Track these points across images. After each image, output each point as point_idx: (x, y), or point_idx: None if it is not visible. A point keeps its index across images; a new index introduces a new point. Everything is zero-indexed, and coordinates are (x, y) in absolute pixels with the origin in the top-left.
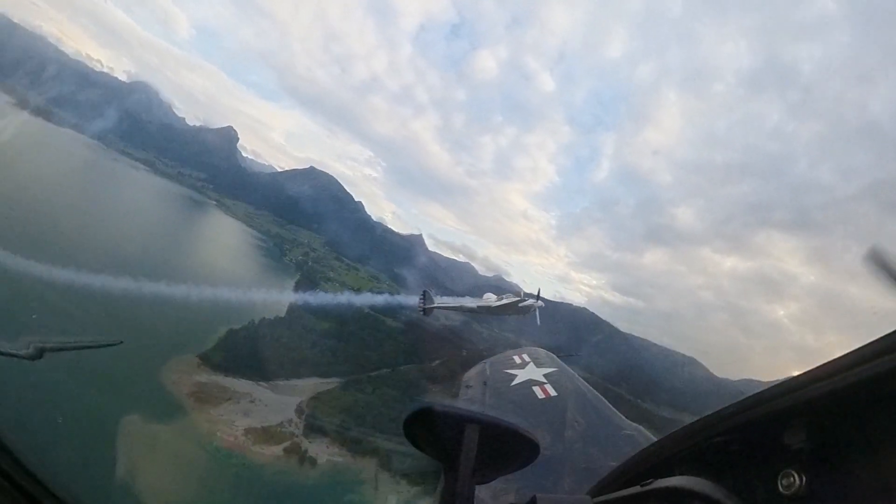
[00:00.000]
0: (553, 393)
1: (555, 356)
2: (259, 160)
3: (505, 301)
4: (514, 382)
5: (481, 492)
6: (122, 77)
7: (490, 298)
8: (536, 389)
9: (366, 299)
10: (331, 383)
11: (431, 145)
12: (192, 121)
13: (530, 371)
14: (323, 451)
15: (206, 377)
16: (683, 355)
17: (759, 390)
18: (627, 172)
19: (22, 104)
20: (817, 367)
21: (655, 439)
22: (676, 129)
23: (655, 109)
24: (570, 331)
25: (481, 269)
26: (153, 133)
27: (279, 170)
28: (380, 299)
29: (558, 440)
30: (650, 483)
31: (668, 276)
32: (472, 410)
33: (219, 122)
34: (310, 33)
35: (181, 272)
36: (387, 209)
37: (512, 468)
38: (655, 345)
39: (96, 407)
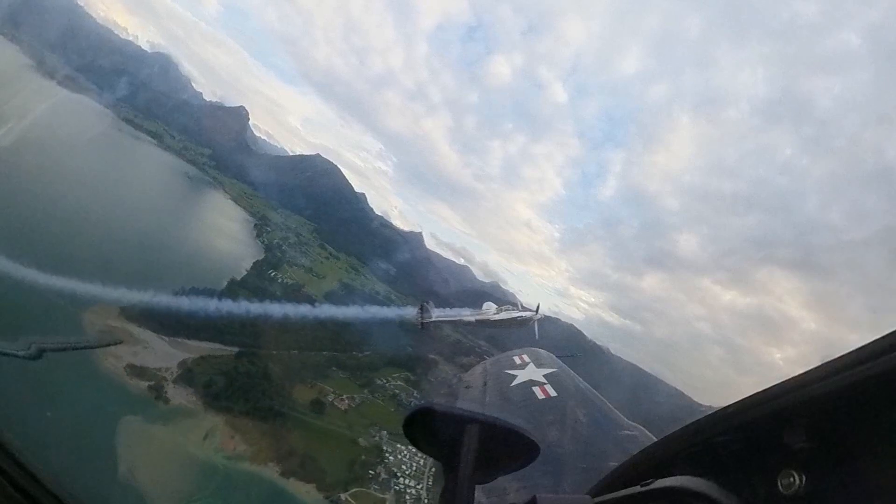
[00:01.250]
0: (553, 393)
1: (555, 357)
2: (271, 142)
3: (504, 314)
4: (514, 383)
5: (481, 492)
6: (146, 47)
7: (489, 310)
8: (536, 390)
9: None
10: (227, 351)
11: (441, 145)
12: (210, 97)
13: (530, 371)
14: (180, 397)
15: (119, 323)
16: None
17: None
18: (633, 193)
19: (39, 66)
20: (817, 367)
21: (655, 439)
22: (686, 154)
23: (666, 131)
24: (547, 347)
25: (479, 274)
26: (166, 105)
27: (290, 153)
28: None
29: (558, 440)
30: (650, 483)
31: (667, 303)
32: (472, 410)
33: (236, 101)
34: (331, 22)
35: (146, 237)
36: (394, 204)
37: (512, 468)
38: (641, 370)
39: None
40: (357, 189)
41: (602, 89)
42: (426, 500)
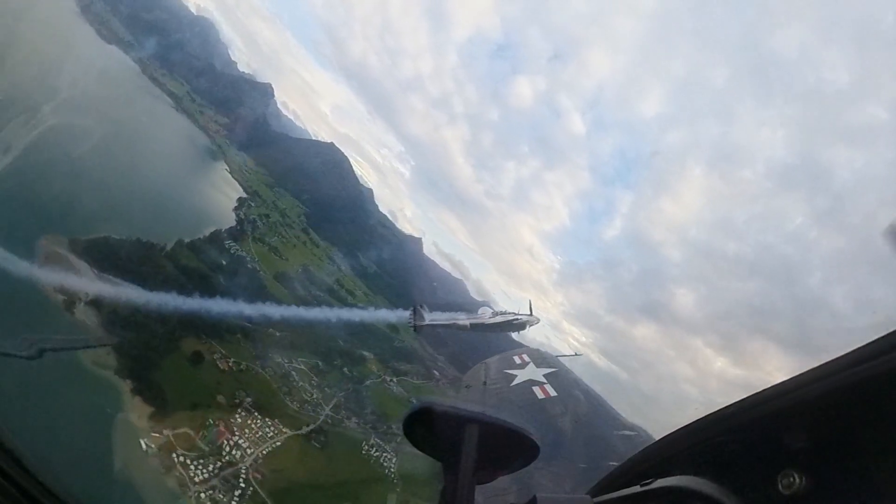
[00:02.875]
0: (553, 393)
1: (555, 357)
2: (297, 122)
3: (500, 318)
4: (514, 383)
5: (481, 492)
6: (192, 9)
7: (485, 314)
8: (536, 390)
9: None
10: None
11: (458, 156)
12: (244, 68)
13: (530, 371)
14: (83, 315)
15: (64, 251)
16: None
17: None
18: (637, 237)
19: (84, 11)
20: (817, 367)
21: (655, 439)
22: (694, 206)
23: (677, 180)
24: None
25: (472, 291)
26: (195, 69)
27: (313, 137)
28: None
29: (558, 440)
30: (650, 483)
31: (656, 356)
32: (472, 410)
33: (270, 77)
34: (371, 19)
35: (125, 187)
36: (404, 207)
37: (512, 468)
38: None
39: None
40: (366, 185)
41: (619, 126)
42: (231, 456)
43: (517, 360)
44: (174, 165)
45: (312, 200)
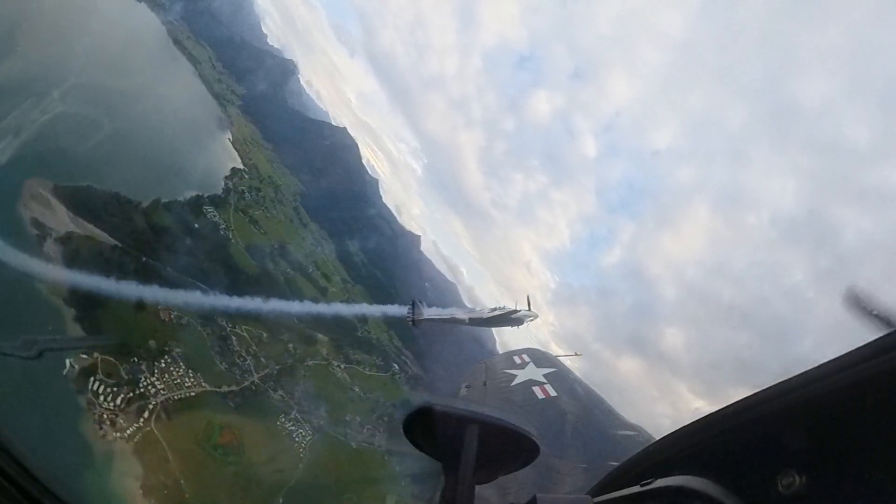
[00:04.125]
0: (553, 393)
1: (555, 357)
2: (318, 102)
3: (498, 312)
4: (514, 382)
5: (481, 492)
6: None
7: (484, 309)
8: (536, 389)
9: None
10: (111, 242)
11: (470, 161)
12: (273, 41)
13: (530, 371)
14: (51, 249)
15: (44, 192)
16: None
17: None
18: (634, 269)
19: None
20: (817, 367)
21: (655, 439)
22: (695, 246)
23: (681, 217)
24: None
25: (464, 296)
26: (222, 37)
27: (331, 120)
28: None
29: (558, 440)
30: (650, 483)
31: (638, 393)
32: (472, 410)
33: (298, 55)
34: (403, 9)
35: (120, 139)
36: (414, 203)
37: (512, 468)
38: None
39: None
40: (373, 175)
41: (630, 155)
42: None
43: (517, 359)
44: (176, 128)
45: (313, 181)
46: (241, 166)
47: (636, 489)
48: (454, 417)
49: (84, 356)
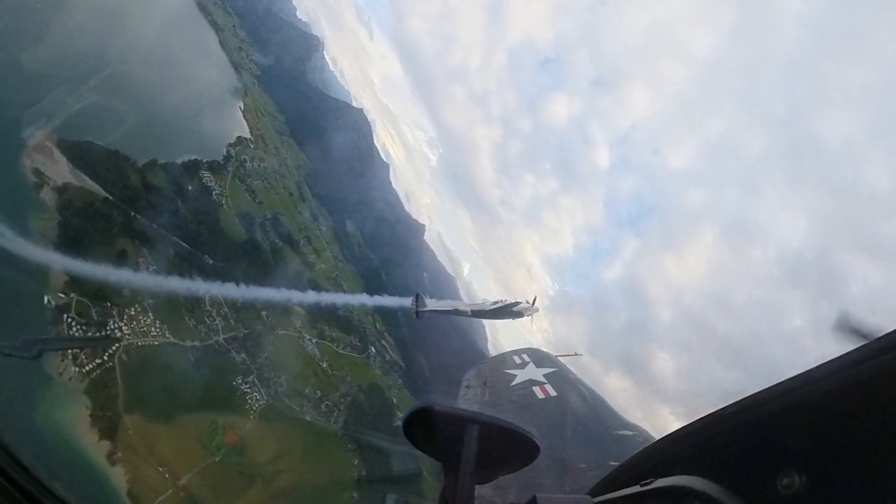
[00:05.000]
0: (553, 393)
1: (555, 357)
2: (340, 81)
3: (500, 304)
4: (514, 382)
5: (481, 492)
6: None
7: (486, 301)
8: (536, 389)
9: None
10: (103, 195)
11: (483, 157)
12: (301, 15)
13: (530, 371)
14: (47, 196)
15: (48, 143)
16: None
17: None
18: (633, 287)
19: None
20: (817, 367)
21: (655, 439)
22: (696, 272)
23: (686, 240)
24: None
25: (461, 291)
26: (249, 6)
27: (351, 99)
28: None
29: (558, 440)
30: (650, 483)
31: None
32: (472, 410)
33: (327, 31)
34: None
35: (132, 97)
36: (426, 192)
37: (512, 468)
38: None
39: None
40: (384, 159)
41: (643, 170)
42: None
43: (517, 359)
44: (186, 92)
45: (320, 158)
46: (248, 136)
47: (636, 489)
48: (454, 417)
49: (62, 295)
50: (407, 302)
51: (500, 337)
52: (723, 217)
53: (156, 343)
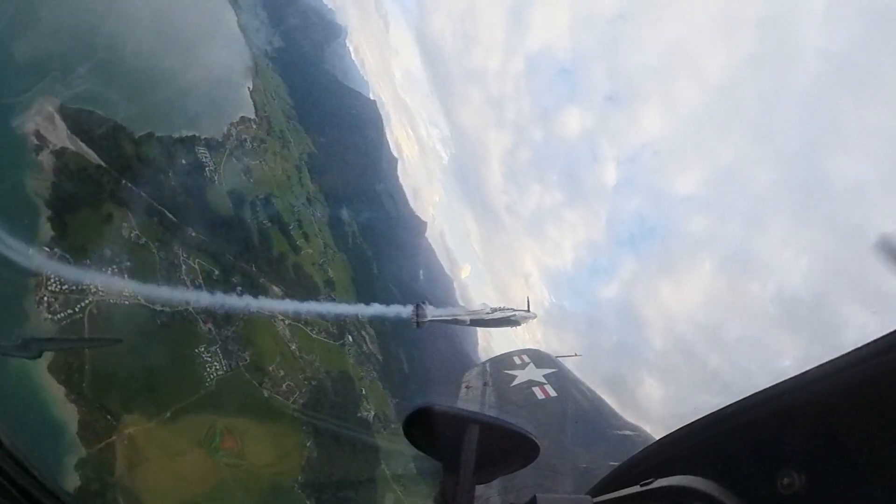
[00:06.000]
0: (553, 393)
1: (555, 357)
2: (360, 70)
3: (499, 314)
4: (514, 383)
5: (481, 492)
6: None
7: (484, 309)
8: (536, 390)
9: None
10: (97, 161)
11: (493, 161)
12: (328, 2)
13: (530, 372)
14: (45, 158)
15: (52, 108)
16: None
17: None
18: (628, 308)
19: None
20: (817, 367)
21: (655, 439)
22: (691, 301)
23: (684, 268)
24: None
25: (457, 294)
26: None
27: (368, 90)
28: None
29: (558, 440)
30: (650, 483)
31: None
32: (472, 410)
33: (353, 19)
34: None
35: (139, 77)
36: (435, 191)
37: (512, 468)
38: None
39: None
40: (395, 153)
41: (649, 192)
42: None
43: (517, 360)
44: (195, 68)
45: (326, 145)
46: (253, 116)
47: (636, 489)
48: (454, 418)
49: (46, 248)
50: (407, 311)
51: (493, 344)
52: (723, 247)
53: (126, 303)
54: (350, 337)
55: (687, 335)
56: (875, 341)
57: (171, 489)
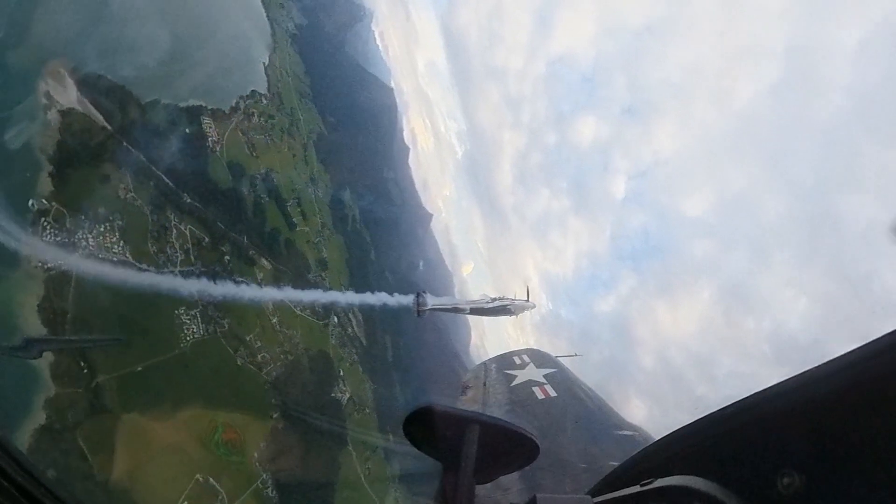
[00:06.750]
0: (553, 393)
1: (555, 357)
2: (383, 55)
3: (498, 303)
4: (514, 383)
5: (481, 492)
6: None
7: (484, 299)
8: (536, 390)
9: None
10: (102, 123)
11: (505, 161)
12: None
13: (530, 372)
14: (52, 117)
15: (63, 70)
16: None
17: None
18: (622, 325)
19: None
20: (817, 367)
21: (655, 439)
22: (686, 327)
23: (683, 290)
24: None
25: (455, 289)
26: None
27: (392, 83)
28: None
29: (558, 440)
30: (650, 483)
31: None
32: (472, 410)
33: (382, 5)
34: None
35: (155, 44)
36: (446, 184)
37: (512, 468)
38: None
39: None
40: (407, 142)
41: (656, 209)
42: None
43: (517, 360)
44: (211, 39)
45: (337, 127)
46: (265, 91)
47: (636, 489)
48: (454, 418)
49: (44, 201)
50: (396, 300)
51: (487, 343)
52: (724, 276)
53: (114, 259)
54: (336, 318)
55: (677, 360)
56: (875, 341)
57: (131, 440)
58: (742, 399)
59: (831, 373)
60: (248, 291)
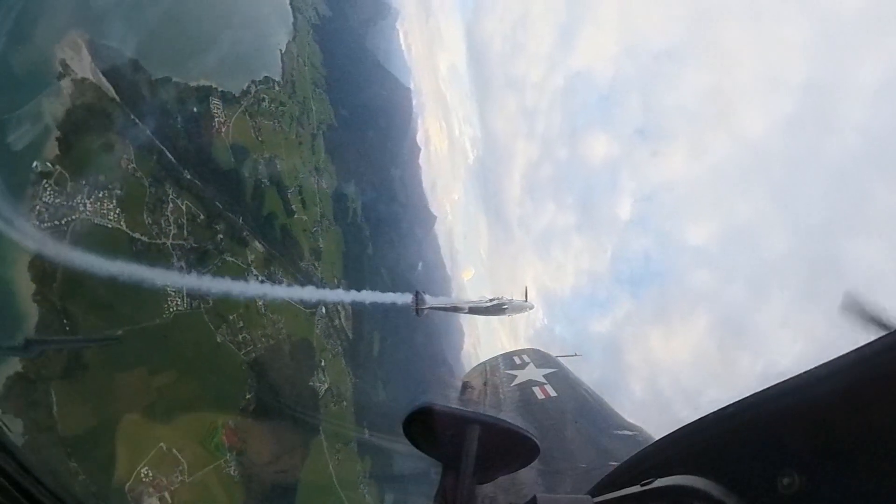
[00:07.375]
0: (553, 393)
1: (555, 357)
2: (405, 55)
3: (496, 302)
4: (514, 383)
5: (481, 492)
6: None
7: (483, 300)
8: (536, 390)
9: None
10: (111, 96)
11: (515, 171)
12: None
13: (530, 371)
14: (66, 85)
15: (81, 41)
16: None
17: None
18: (615, 347)
19: None
20: (817, 367)
21: (655, 439)
22: (678, 358)
23: (679, 320)
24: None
25: (452, 293)
26: None
27: (412, 83)
28: None
29: (558, 440)
30: (650, 483)
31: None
32: (472, 410)
33: (409, 6)
34: (514, 5)
35: (173, 21)
36: (455, 189)
37: (512, 468)
38: None
39: None
40: (419, 143)
41: (658, 235)
42: None
43: (517, 359)
44: (229, 21)
45: (349, 120)
46: (278, 78)
47: (636, 489)
48: (454, 417)
49: (49, 164)
50: (405, 298)
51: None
52: (721, 310)
53: (108, 226)
54: (324, 308)
55: (666, 390)
56: (875, 341)
57: (104, 399)
58: (742, 399)
59: (831, 373)
60: (235, 270)
